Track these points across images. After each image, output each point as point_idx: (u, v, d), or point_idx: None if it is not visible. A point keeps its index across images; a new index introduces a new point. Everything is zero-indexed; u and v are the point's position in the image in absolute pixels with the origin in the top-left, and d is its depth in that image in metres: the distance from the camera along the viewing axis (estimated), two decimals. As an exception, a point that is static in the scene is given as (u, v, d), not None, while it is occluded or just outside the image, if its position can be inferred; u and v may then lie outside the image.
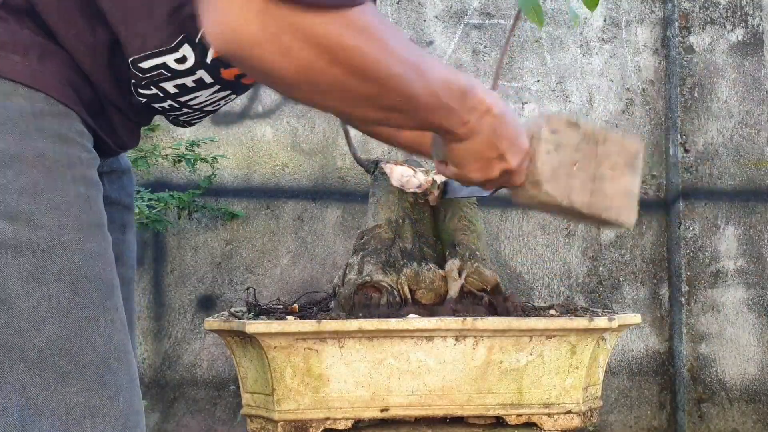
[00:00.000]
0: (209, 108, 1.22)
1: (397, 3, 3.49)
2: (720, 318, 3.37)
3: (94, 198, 1.07)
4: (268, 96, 3.44)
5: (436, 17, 3.50)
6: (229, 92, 1.20)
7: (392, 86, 0.95)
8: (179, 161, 3.21)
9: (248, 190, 3.42)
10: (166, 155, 3.23)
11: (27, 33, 1.05)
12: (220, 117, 3.43)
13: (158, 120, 3.38)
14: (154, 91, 1.13)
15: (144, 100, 1.14)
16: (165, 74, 1.11)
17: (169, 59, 1.10)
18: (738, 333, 3.38)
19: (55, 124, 1.04)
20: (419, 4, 3.50)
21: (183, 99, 1.16)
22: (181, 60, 1.10)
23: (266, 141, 3.43)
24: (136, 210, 2.98)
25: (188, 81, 1.13)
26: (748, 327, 3.38)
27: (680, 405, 3.39)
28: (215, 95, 1.18)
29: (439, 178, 2.77)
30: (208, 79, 1.14)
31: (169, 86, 1.13)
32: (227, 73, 1.14)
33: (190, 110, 1.20)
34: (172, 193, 3.18)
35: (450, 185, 1.49)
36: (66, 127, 1.05)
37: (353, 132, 3.14)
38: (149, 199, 3.10)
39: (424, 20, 3.49)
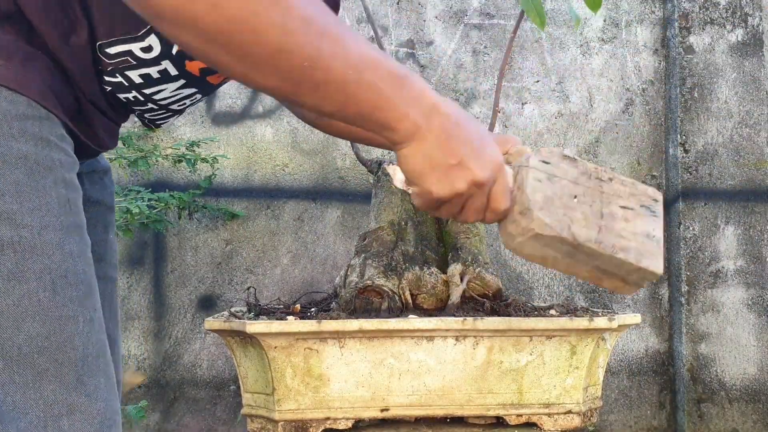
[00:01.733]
0: (174, 107, 1.23)
1: (397, 3, 3.49)
2: (720, 318, 3.38)
3: (74, 201, 1.08)
4: (268, 96, 3.44)
5: (436, 17, 3.50)
6: (194, 90, 1.21)
7: (294, 47, 0.88)
8: (179, 161, 3.21)
9: (248, 190, 3.42)
10: (167, 155, 3.24)
11: (10, 38, 1.07)
12: (220, 117, 3.43)
13: (158, 120, 3.39)
14: (119, 79, 1.15)
15: (109, 88, 1.16)
16: (130, 62, 1.13)
17: (135, 47, 1.12)
18: (738, 333, 3.38)
19: (37, 127, 1.05)
20: (419, 4, 3.50)
21: (147, 91, 1.17)
22: (147, 49, 1.12)
23: (266, 141, 3.43)
24: (137, 210, 2.98)
25: (153, 71, 1.15)
26: (747, 327, 3.38)
27: (680, 405, 3.39)
28: (180, 91, 1.20)
29: None
30: (173, 71, 1.15)
31: (135, 75, 1.15)
32: (191, 66, 1.16)
33: (155, 107, 1.21)
34: (172, 193, 3.18)
35: None
36: (47, 130, 1.07)
37: (353, 132, 3.13)
38: (149, 199, 3.10)
39: (424, 20, 3.50)
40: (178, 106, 1.24)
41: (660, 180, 3.50)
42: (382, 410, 2.41)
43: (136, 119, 1.27)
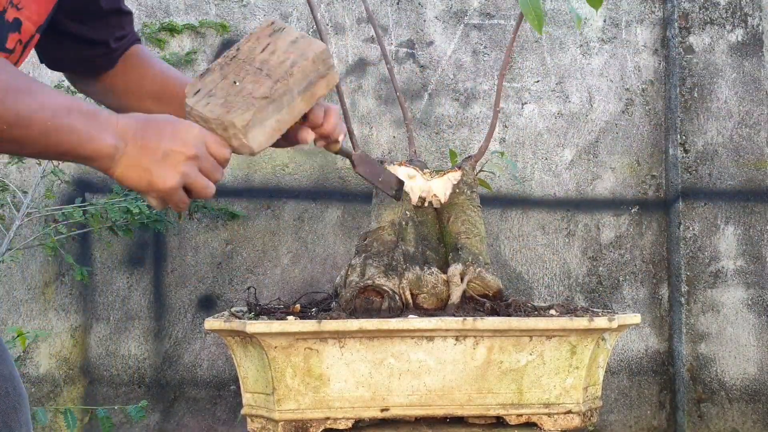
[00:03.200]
0: None
1: (397, 3, 3.49)
2: (720, 318, 3.38)
3: None
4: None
5: (436, 17, 3.50)
6: None
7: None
8: (180, 161, 3.21)
9: (249, 190, 3.42)
10: (167, 155, 3.23)
11: None
12: (220, 117, 3.43)
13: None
14: None
15: None
16: None
17: None
18: (738, 333, 3.38)
19: None
20: (419, 4, 3.50)
21: None
22: None
23: (266, 141, 3.43)
24: (137, 210, 2.98)
25: None
26: (747, 327, 3.39)
27: (680, 405, 3.39)
28: None
29: (442, 186, 2.77)
30: None
31: None
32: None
33: None
34: (172, 193, 3.18)
35: (360, 161, 1.53)
36: None
37: (356, 131, 3.14)
38: (150, 199, 3.10)
39: (424, 20, 3.50)
40: None
41: (660, 180, 3.51)
42: (382, 410, 2.41)
43: None
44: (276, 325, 2.37)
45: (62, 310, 3.35)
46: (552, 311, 2.61)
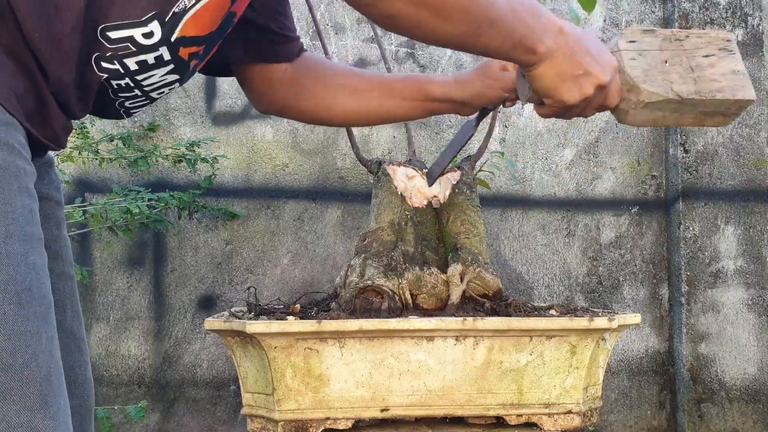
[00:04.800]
0: (154, 95, 1.22)
1: (397, 3, 3.49)
2: (720, 318, 3.38)
3: (35, 211, 1.04)
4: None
5: (436, 17, 3.50)
6: (176, 78, 1.20)
7: (480, 9, 1.10)
8: (179, 161, 3.21)
9: (248, 190, 3.42)
10: (167, 155, 3.24)
11: None
12: (220, 117, 3.43)
13: (158, 120, 3.39)
14: (116, 66, 1.13)
15: (105, 75, 1.13)
16: (131, 48, 1.12)
17: (137, 33, 1.11)
18: (738, 333, 3.38)
19: (3, 132, 1.01)
20: (419, 4, 3.49)
21: (139, 78, 1.16)
22: (148, 35, 1.12)
23: (266, 141, 3.43)
24: (137, 210, 2.99)
25: (150, 57, 1.14)
26: (748, 327, 3.38)
27: (680, 405, 3.39)
28: (165, 78, 1.19)
29: (441, 186, 2.77)
30: (167, 56, 1.15)
31: (131, 62, 1.13)
32: (183, 52, 1.16)
33: (140, 93, 1.19)
34: (172, 193, 3.19)
35: (431, 170, 1.51)
36: (12, 136, 1.02)
37: (356, 131, 3.14)
38: (149, 199, 3.10)
39: (424, 20, 3.49)
40: (157, 94, 1.22)
41: (660, 180, 3.51)
42: (382, 410, 2.41)
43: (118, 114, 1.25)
44: (276, 326, 2.37)
45: (62, 310, 3.35)
46: (552, 311, 2.61)
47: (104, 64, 1.12)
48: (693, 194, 3.40)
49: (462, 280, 2.59)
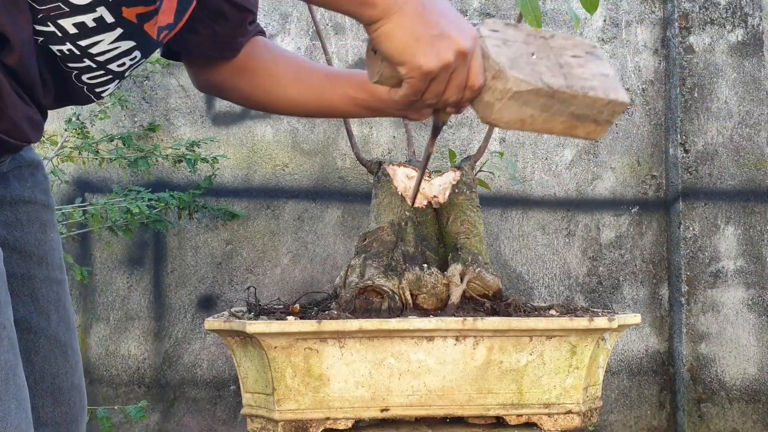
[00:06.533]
0: (113, 67, 1.14)
1: (397, 3, 3.49)
2: (720, 318, 3.38)
3: None
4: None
5: (436, 17, 3.50)
6: (132, 44, 1.13)
7: None
8: (179, 161, 3.21)
9: (248, 190, 3.42)
10: (167, 155, 3.24)
11: None
12: (220, 117, 3.43)
13: (158, 120, 3.39)
14: (52, 28, 1.06)
15: (41, 39, 1.06)
16: (62, 8, 1.05)
17: None
18: (738, 333, 3.38)
19: None
20: (419, 4, 3.50)
21: (83, 43, 1.09)
22: None
23: (266, 141, 3.43)
24: (137, 210, 2.98)
25: (88, 19, 1.06)
26: (748, 327, 3.38)
27: (680, 405, 3.39)
28: (117, 45, 1.12)
29: (441, 186, 2.77)
30: (109, 18, 1.08)
31: (68, 24, 1.06)
32: (128, 12, 1.08)
33: (93, 64, 1.12)
34: (172, 193, 3.19)
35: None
36: None
37: (356, 131, 3.14)
38: (149, 199, 3.10)
39: (424, 20, 3.49)
40: (118, 66, 1.14)
41: (660, 180, 3.51)
42: (382, 410, 2.41)
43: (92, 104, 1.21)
44: (276, 325, 2.37)
45: (62, 310, 3.35)
46: (552, 311, 2.61)
47: (38, 27, 1.05)
48: (693, 194, 3.40)
49: (462, 280, 2.59)
